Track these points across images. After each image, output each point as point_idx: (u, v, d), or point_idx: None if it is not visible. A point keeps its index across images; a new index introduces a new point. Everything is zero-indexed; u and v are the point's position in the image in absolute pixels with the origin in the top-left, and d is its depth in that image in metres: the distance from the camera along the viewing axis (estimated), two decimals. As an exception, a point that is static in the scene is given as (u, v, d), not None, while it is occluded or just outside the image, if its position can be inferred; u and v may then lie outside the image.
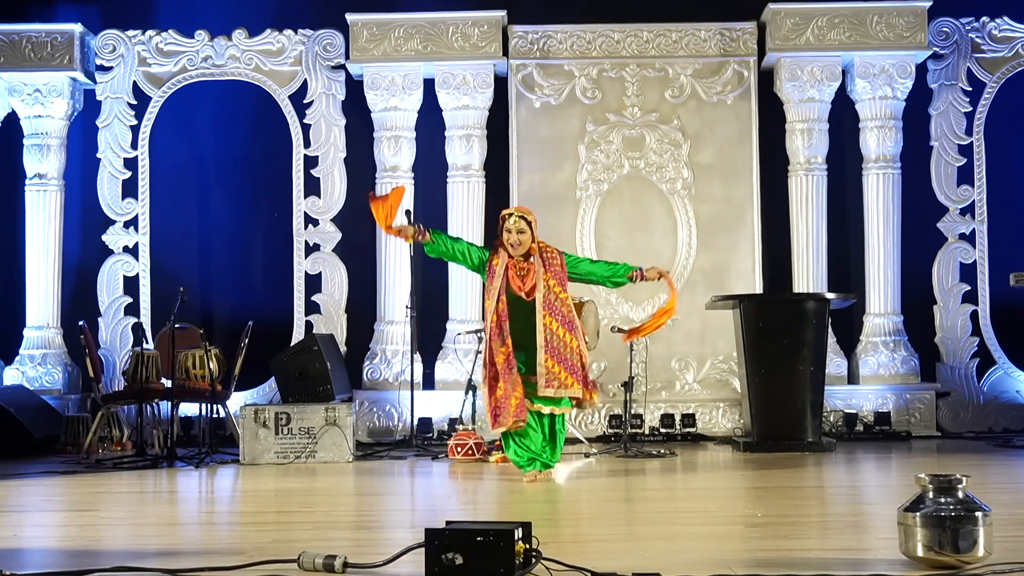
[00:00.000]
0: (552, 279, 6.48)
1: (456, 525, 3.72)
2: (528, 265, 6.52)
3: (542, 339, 6.38)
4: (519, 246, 6.51)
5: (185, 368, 8.35)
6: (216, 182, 9.90)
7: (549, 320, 6.41)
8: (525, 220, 6.54)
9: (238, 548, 4.33)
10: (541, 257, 6.53)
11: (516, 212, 6.61)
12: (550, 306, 6.43)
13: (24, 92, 9.52)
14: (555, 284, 6.48)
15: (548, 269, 6.50)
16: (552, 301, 6.45)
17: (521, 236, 6.51)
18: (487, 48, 9.46)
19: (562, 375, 6.37)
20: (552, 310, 6.43)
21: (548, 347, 6.38)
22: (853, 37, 9.38)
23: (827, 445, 8.07)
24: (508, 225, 6.54)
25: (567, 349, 6.41)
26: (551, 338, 6.39)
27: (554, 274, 6.50)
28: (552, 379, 6.36)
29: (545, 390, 6.35)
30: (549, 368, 6.36)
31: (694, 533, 4.76)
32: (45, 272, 9.52)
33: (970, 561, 3.62)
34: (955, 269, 9.66)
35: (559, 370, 6.37)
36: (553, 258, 6.57)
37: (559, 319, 6.43)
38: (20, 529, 5.15)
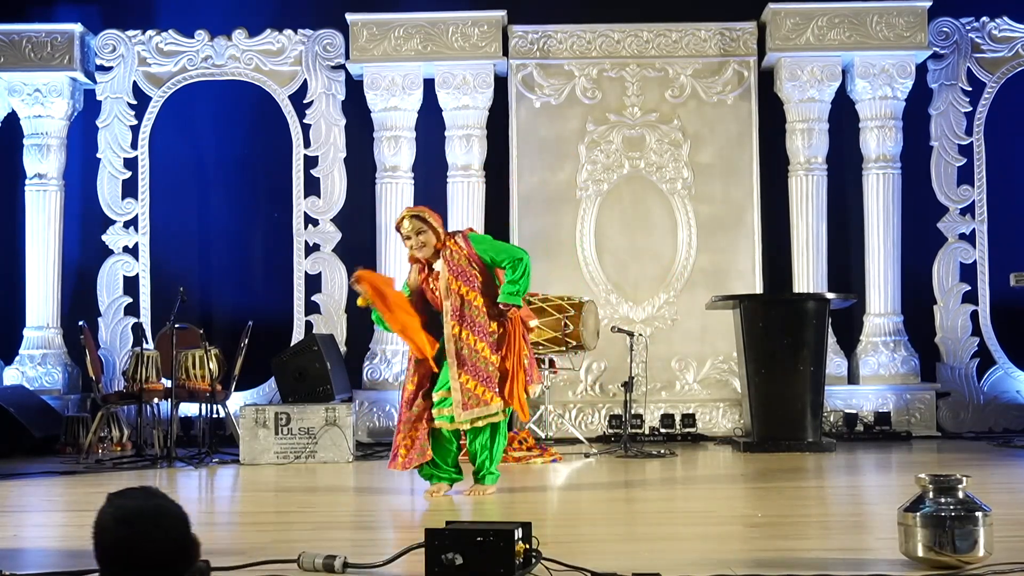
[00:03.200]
0: (456, 281, 5.71)
1: (456, 525, 3.72)
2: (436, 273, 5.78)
3: (452, 353, 5.69)
4: (424, 248, 5.73)
5: (185, 368, 8.34)
6: (216, 182, 9.90)
7: (459, 330, 5.68)
8: (419, 219, 5.74)
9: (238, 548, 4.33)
10: (443, 256, 5.75)
11: (407, 214, 5.79)
12: (458, 314, 5.70)
13: (24, 92, 9.52)
14: (460, 285, 5.71)
15: (451, 270, 5.73)
16: (459, 307, 5.71)
17: (421, 237, 5.72)
18: (487, 48, 9.46)
19: (479, 390, 5.68)
20: (461, 318, 5.70)
21: (460, 361, 5.68)
22: (853, 37, 9.38)
23: (827, 445, 8.07)
24: (404, 231, 5.75)
25: (480, 359, 5.69)
26: (463, 350, 5.68)
27: (457, 274, 5.72)
28: (470, 399, 5.68)
29: (464, 414, 5.69)
30: (463, 385, 5.67)
31: (694, 533, 4.76)
32: (45, 272, 9.52)
33: (970, 561, 3.62)
34: (955, 269, 9.66)
35: (474, 385, 5.68)
36: (456, 251, 5.76)
37: (470, 327, 5.70)
38: (20, 529, 5.15)
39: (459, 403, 5.69)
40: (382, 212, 9.54)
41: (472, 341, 5.70)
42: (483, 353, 5.71)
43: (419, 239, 5.71)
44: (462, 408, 5.69)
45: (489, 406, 5.71)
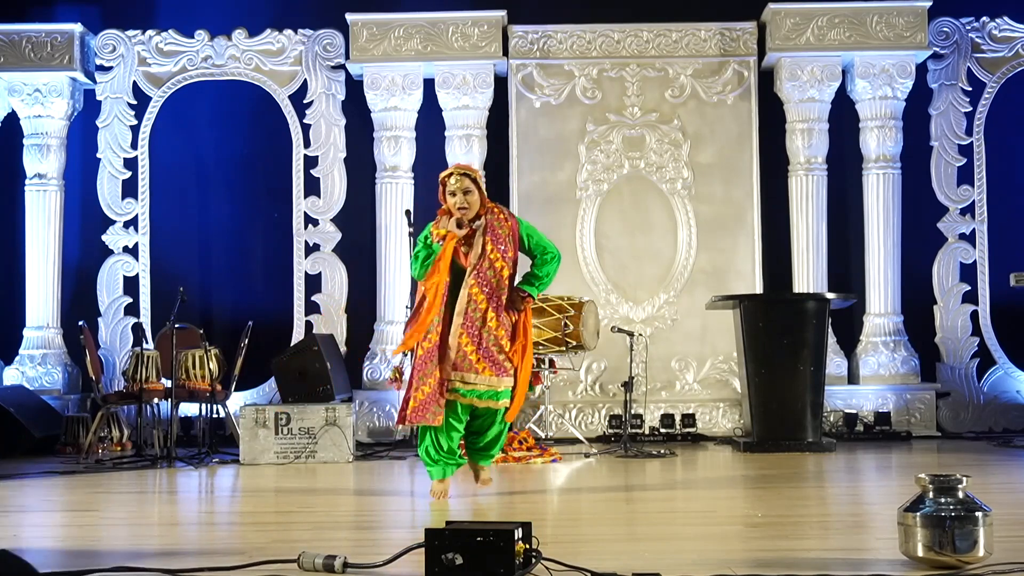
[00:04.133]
0: (491, 244, 5.62)
1: (456, 525, 3.72)
2: (471, 231, 5.67)
3: (461, 309, 5.56)
4: (467, 209, 5.63)
5: (185, 368, 8.34)
6: (216, 182, 9.90)
7: (476, 292, 5.57)
8: (469, 177, 5.67)
9: (238, 548, 4.33)
10: (486, 218, 5.67)
11: (456, 171, 5.69)
12: (481, 276, 5.59)
13: (24, 92, 9.52)
14: (493, 251, 5.61)
15: (488, 233, 5.63)
16: (484, 270, 5.59)
17: (468, 197, 5.64)
18: (487, 48, 9.46)
19: (472, 357, 5.55)
20: (482, 280, 5.59)
21: (466, 320, 5.56)
22: (853, 37, 9.38)
23: (827, 445, 8.07)
24: (451, 187, 5.65)
25: (485, 329, 5.57)
26: (472, 311, 5.56)
27: (494, 239, 5.63)
28: (462, 360, 5.55)
29: (453, 374, 5.54)
30: (461, 346, 5.55)
31: (694, 533, 4.76)
32: (45, 272, 9.52)
33: (970, 561, 3.62)
34: (955, 269, 9.66)
35: (472, 350, 5.56)
36: (500, 220, 5.70)
37: (487, 292, 5.58)
38: (20, 529, 5.15)
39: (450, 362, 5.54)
40: (382, 212, 9.54)
41: (488, 313, 5.59)
42: (496, 332, 5.60)
43: (465, 198, 5.64)
44: (452, 368, 5.53)
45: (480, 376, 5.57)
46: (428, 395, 5.54)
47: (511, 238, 5.70)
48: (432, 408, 5.55)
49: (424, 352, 5.58)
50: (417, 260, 5.64)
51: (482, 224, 5.66)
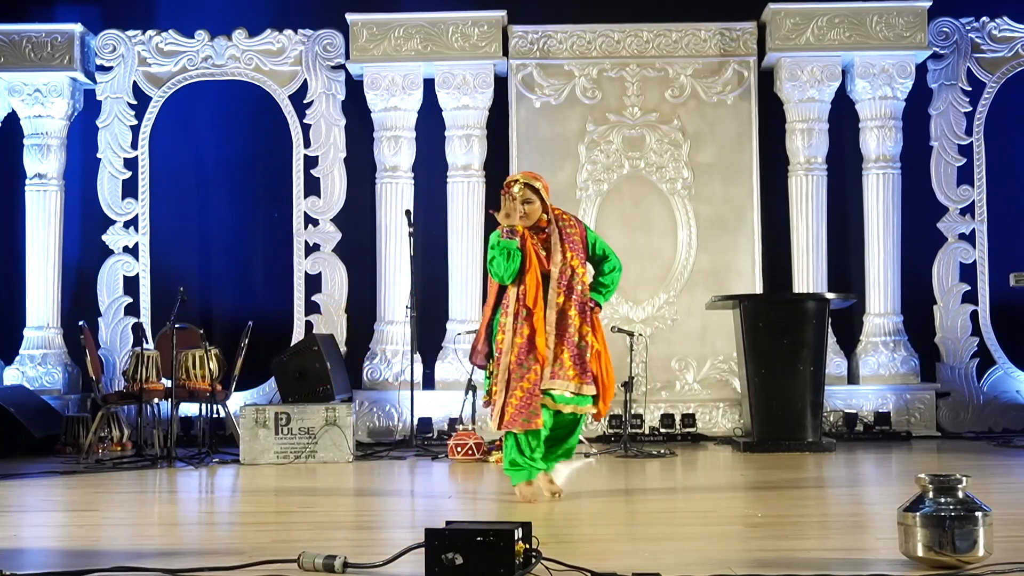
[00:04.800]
0: (570, 251, 5.64)
1: (456, 525, 3.72)
2: (545, 236, 5.66)
3: (552, 321, 5.55)
4: (526, 217, 5.61)
5: (185, 368, 8.35)
6: (216, 182, 9.90)
7: (562, 299, 5.58)
8: (531, 188, 5.64)
9: (238, 548, 4.33)
10: (557, 226, 5.69)
11: (521, 179, 5.66)
12: (564, 284, 5.60)
13: (24, 92, 9.52)
14: (572, 257, 5.63)
15: (565, 240, 5.65)
16: (567, 277, 5.61)
17: (528, 207, 5.61)
18: (487, 48, 9.46)
19: (567, 363, 5.56)
20: (565, 286, 5.60)
21: (559, 331, 5.56)
22: (853, 37, 9.38)
23: (827, 445, 8.07)
24: (512, 194, 5.62)
25: (573, 335, 5.59)
26: (560, 318, 5.56)
27: (571, 245, 5.66)
28: (559, 368, 5.54)
29: (551, 381, 5.53)
30: (558, 355, 5.54)
31: (694, 533, 4.76)
32: (45, 272, 9.52)
33: (970, 561, 3.62)
34: (955, 269, 9.66)
35: (565, 357, 5.56)
36: (572, 227, 5.73)
37: (571, 298, 5.60)
38: (20, 529, 5.15)
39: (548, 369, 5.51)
40: (382, 212, 9.54)
41: (572, 315, 5.58)
42: (585, 339, 5.59)
43: (525, 207, 5.61)
44: (549, 376, 5.51)
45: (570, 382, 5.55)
46: (522, 399, 5.52)
47: (582, 244, 5.73)
48: (527, 412, 5.52)
49: (515, 356, 5.55)
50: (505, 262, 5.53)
51: (557, 231, 5.65)
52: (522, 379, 5.51)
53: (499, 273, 5.57)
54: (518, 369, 5.53)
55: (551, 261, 5.61)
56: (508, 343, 5.56)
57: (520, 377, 5.51)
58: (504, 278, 5.57)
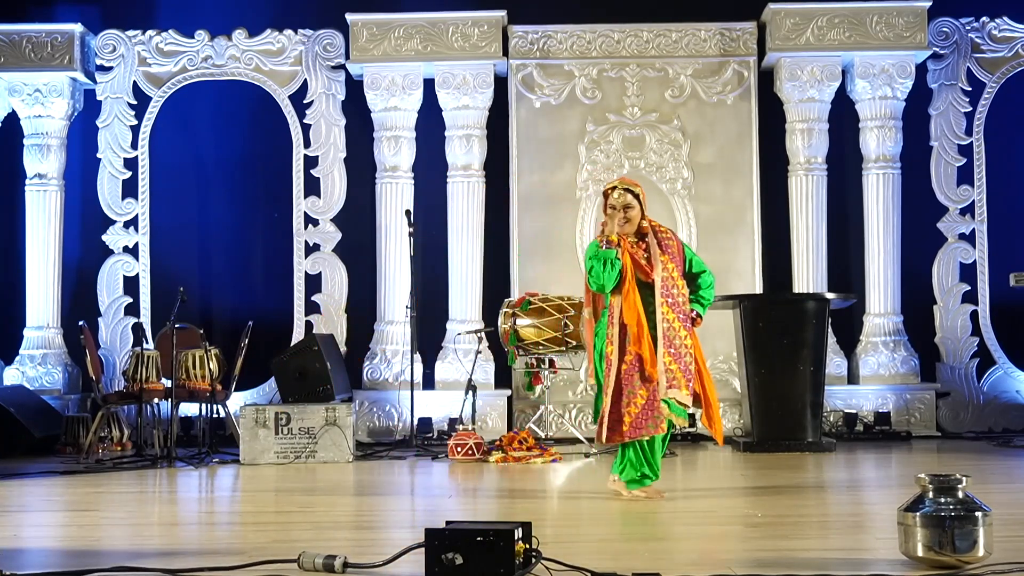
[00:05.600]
0: (671, 263, 5.62)
1: (456, 525, 3.72)
2: (645, 245, 5.64)
3: (661, 333, 5.53)
4: (628, 223, 5.60)
5: (185, 368, 8.35)
6: (216, 182, 9.90)
7: (667, 310, 5.57)
8: (631, 193, 5.62)
9: (238, 548, 4.33)
10: (656, 237, 5.67)
11: (620, 184, 5.67)
12: (668, 294, 5.58)
13: (24, 92, 9.52)
14: (674, 269, 5.63)
15: (665, 251, 5.64)
16: (670, 288, 5.60)
17: (629, 212, 5.60)
18: (487, 48, 9.46)
19: (678, 375, 5.56)
20: (669, 297, 5.58)
21: (665, 338, 5.53)
22: (853, 37, 9.38)
23: (827, 445, 8.07)
24: (612, 200, 5.60)
25: (681, 346, 5.59)
26: (667, 329, 5.55)
27: (671, 257, 5.64)
28: (673, 380, 5.53)
29: (669, 391, 5.52)
30: (667, 364, 5.53)
31: (694, 533, 4.76)
32: (45, 272, 9.52)
33: (970, 561, 3.62)
34: (955, 269, 9.66)
35: (676, 368, 5.55)
36: (670, 240, 5.71)
37: (676, 311, 5.60)
38: (20, 529, 5.15)
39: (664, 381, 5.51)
40: (382, 212, 9.54)
41: (677, 326, 5.59)
42: (691, 350, 5.61)
43: (626, 213, 5.60)
44: (667, 387, 5.52)
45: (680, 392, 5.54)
46: (642, 408, 5.51)
47: (680, 257, 5.72)
48: (651, 421, 5.51)
49: (628, 366, 5.53)
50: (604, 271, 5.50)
51: (655, 241, 5.64)
52: (638, 390, 5.51)
53: (600, 282, 5.55)
54: (630, 382, 5.52)
55: (654, 270, 5.59)
56: (616, 354, 5.55)
57: (637, 387, 5.51)
58: (605, 286, 5.56)
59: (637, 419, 5.50)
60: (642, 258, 5.60)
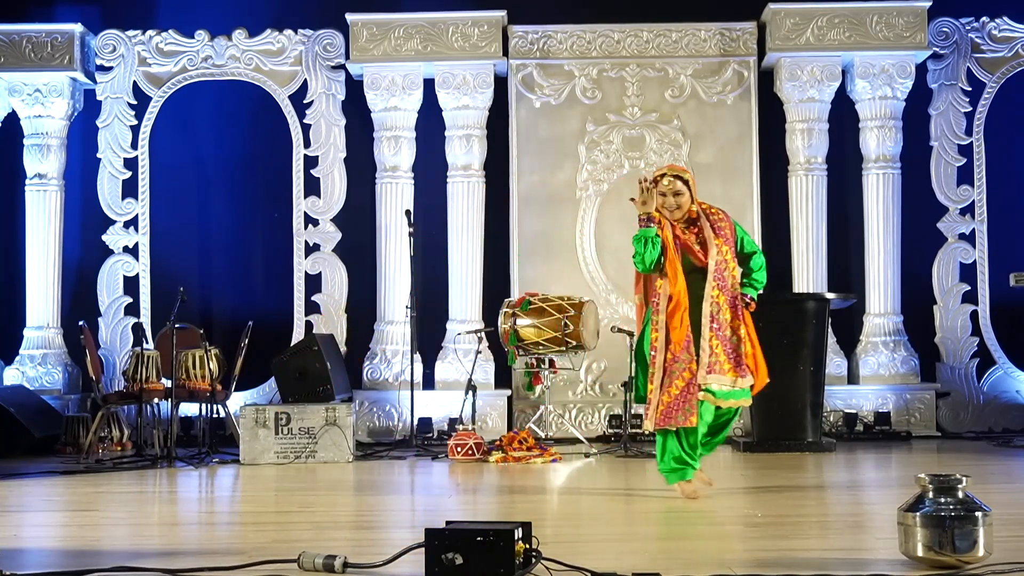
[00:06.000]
0: (724, 245, 5.60)
1: (456, 525, 3.72)
2: (698, 229, 5.64)
3: (707, 315, 5.53)
4: (677, 210, 5.63)
5: (185, 368, 8.34)
6: (216, 182, 9.90)
7: (717, 293, 5.56)
8: (681, 179, 5.66)
9: (238, 548, 4.33)
10: (708, 220, 5.67)
11: (669, 172, 5.69)
12: (720, 278, 5.58)
13: (24, 92, 9.52)
14: (728, 251, 5.61)
15: (719, 234, 5.62)
16: (722, 272, 5.58)
17: (679, 199, 5.62)
18: (487, 48, 9.46)
19: (723, 358, 5.54)
20: (720, 281, 5.58)
21: (713, 322, 5.54)
22: (853, 37, 9.38)
23: (827, 445, 8.07)
24: (661, 187, 5.63)
25: (728, 329, 5.58)
26: (716, 312, 5.55)
27: (725, 240, 5.62)
28: (715, 363, 5.52)
29: (709, 376, 5.51)
30: (712, 348, 5.52)
31: (694, 533, 4.76)
32: (45, 272, 9.52)
33: (970, 561, 3.62)
34: (955, 269, 9.66)
35: (721, 352, 5.55)
36: (722, 221, 5.68)
37: (726, 293, 5.58)
38: (20, 529, 5.15)
39: (704, 365, 5.50)
40: (382, 212, 9.54)
41: (725, 309, 5.58)
42: (738, 332, 5.60)
43: (676, 200, 5.62)
44: (706, 371, 5.50)
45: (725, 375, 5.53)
46: (676, 397, 5.51)
47: (733, 238, 5.69)
48: (683, 409, 5.50)
49: (672, 353, 5.54)
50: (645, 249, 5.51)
51: (708, 224, 5.63)
52: (676, 377, 5.51)
53: (642, 262, 5.55)
54: (673, 365, 5.53)
55: (707, 255, 5.58)
56: (662, 341, 5.56)
57: (676, 374, 5.52)
58: (649, 267, 5.55)
59: (669, 408, 5.51)
60: (695, 243, 5.60)
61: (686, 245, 5.59)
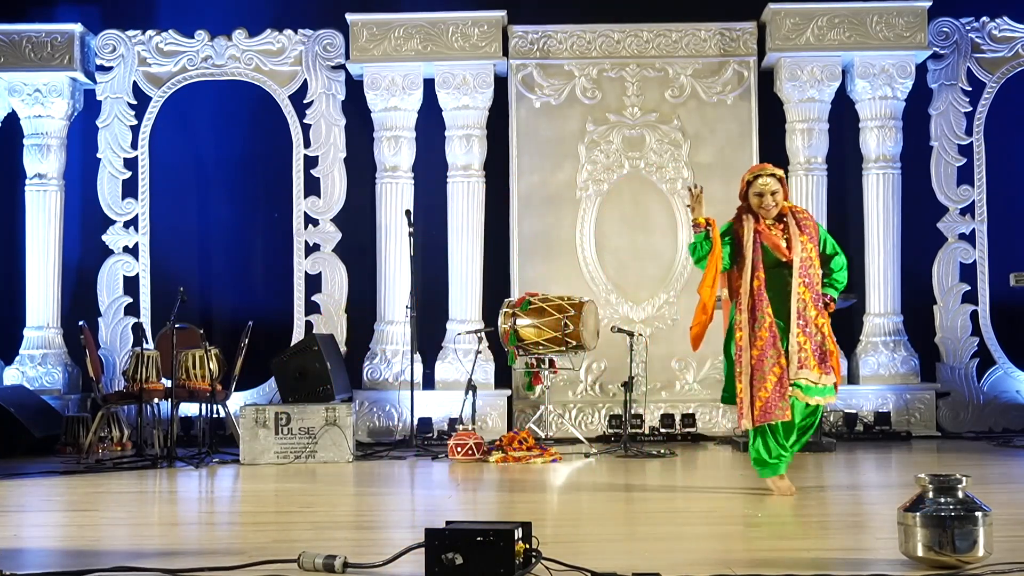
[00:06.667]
0: (809, 243, 5.71)
1: (456, 525, 3.72)
2: (783, 225, 5.75)
3: (795, 312, 5.62)
4: (773, 208, 5.74)
5: (185, 368, 8.35)
6: (216, 182, 9.90)
7: (803, 290, 5.65)
8: (776, 178, 5.76)
9: (238, 548, 4.33)
10: (794, 218, 5.78)
11: (764, 172, 5.79)
12: (805, 275, 5.67)
13: (24, 92, 9.52)
14: (812, 249, 5.72)
15: (804, 231, 5.73)
16: (807, 268, 5.69)
17: (775, 197, 5.73)
18: (487, 48, 9.46)
19: (810, 355, 5.63)
20: (805, 277, 5.67)
21: (799, 318, 5.62)
22: (853, 37, 9.38)
23: (827, 445, 8.07)
24: (757, 187, 5.75)
25: (814, 326, 5.65)
26: (803, 309, 5.63)
27: (810, 238, 5.73)
28: (804, 359, 5.60)
29: (800, 372, 5.59)
30: (801, 344, 5.61)
31: (694, 533, 4.76)
32: (45, 272, 9.52)
33: (970, 561, 3.62)
34: (955, 269, 9.66)
35: (809, 348, 5.63)
36: (807, 221, 5.80)
37: (811, 291, 5.67)
38: (20, 529, 5.15)
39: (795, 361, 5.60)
40: (382, 212, 9.54)
41: (811, 306, 5.65)
42: (822, 329, 5.67)
43: (773, 198, 5.73)
44: (797, 367, 5.59)
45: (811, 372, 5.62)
46: (772, 393, 5.59)
47: (817, 238, 5.79)
48: (779, 405, 5.59)
49: (759, 351, 5.63)
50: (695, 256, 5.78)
51: (794, 222, 5.74)
52: (768, 373, 5.59)
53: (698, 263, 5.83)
54: (762, 363, 5.60)
55: (792, 250, 5.68)
56: (746, 339, 5.65)
57: (767, 370, 5.59)
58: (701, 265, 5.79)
59: (767, 404, 5.60)
60: (780, 239, 5.71)
61: (772, 240, 5.70)
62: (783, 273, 5.68)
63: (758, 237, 5.70)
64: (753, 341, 5.63)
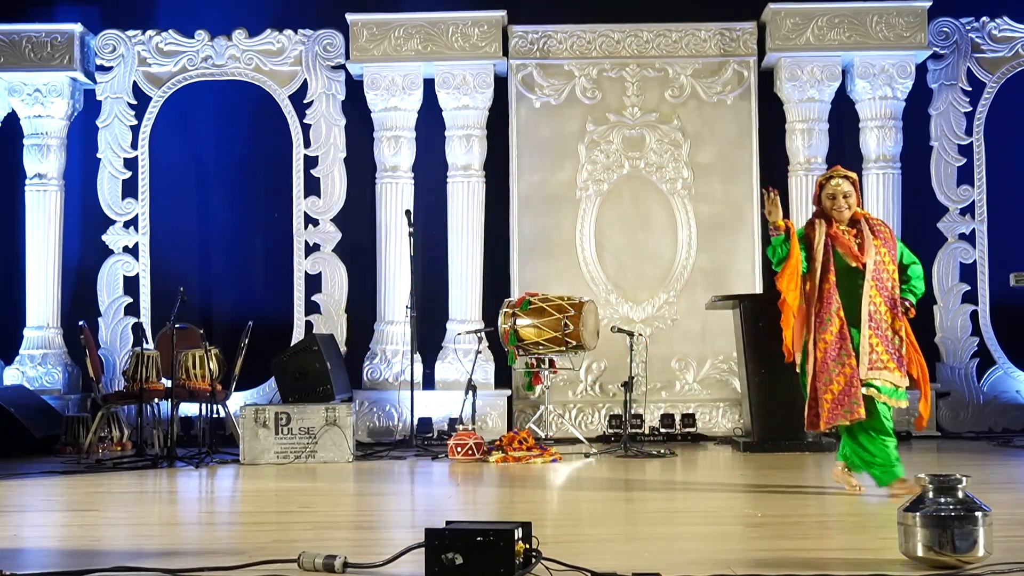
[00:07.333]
0: (883, 247, 5.73)
1: (456, 525, 3.72)
2: (857, 231, 5.76)
3: (866, 314, 5.63)
4: (846, 210, 5.76)
5: (185, 368, 8.35)
6: (216, 182, 9.90)
7: (874, 293, 5.65)
8: (849, 181, 5.79)
9: (238, 548, 4.33)
10: (868, 224, 5.80)
11: (837, 175, 5.82)
12: (878, 279, 5.67)
13: (24, 92, 9.52)
14: (886, 254, 5.73)
15: (877, 236, 5.74)
16: (880, 273, 5.68)
17: (848, 199, 5.75)
18: (487, 48, 9.46)
19: (884, 356, 5.62)
20: (879, 282, 5.66)
21: (871, 320, 5.62)
22: (853, 37, 9.38)
23: (827, 445, 8.06)
24: (830, 189, 5.78)
25: (889, 329, 5.65)
26: (875, 312, 5.63)
27: (884, 242, 5.75)
28: (876, 360, 5.61)
29: (870, 373, 5.60)
30: (873, 347, 5.61)
31: (694, 533, 4.76)
32: (45, 272, 9.52)
33: (970, 561, 3.62)
34: (955, 269, 9.66)
35: (882, 350, 5.62)
36: (881, 226, 5.83)
37: (884, 296, 5.66)
38: (20, 529, 5.15)
39: (865, 362, 5.60)
40: (382, 212, 9.54)
41: (884, 310, 5.65)
42: (899, 332, 5.67)
43: (846, 201, 5.75)
44: (868, 368, 5.60)
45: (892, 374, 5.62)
46: (839, 394, 5.62)
47: (893, 241, 5.82)
48: (847, 404, 5.59)
49: (822, 353, 5.65)
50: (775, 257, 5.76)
51: (868, 227, 5.76)
52: (836, 375, 5.61)
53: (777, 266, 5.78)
54: (831, 364, 5.62)
55: (865, 254, 5.70)
56: (813, 340, 5.68)
57: (836, 371, 5.61)
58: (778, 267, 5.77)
59: (834, 405, 5.62)
60: (853, 243, 5.71)
61: (845, 245, 5.71)
62: (855, 277, 5.69)
63: (830, 241, 5.72)
64: (817, 343, 5.66)
